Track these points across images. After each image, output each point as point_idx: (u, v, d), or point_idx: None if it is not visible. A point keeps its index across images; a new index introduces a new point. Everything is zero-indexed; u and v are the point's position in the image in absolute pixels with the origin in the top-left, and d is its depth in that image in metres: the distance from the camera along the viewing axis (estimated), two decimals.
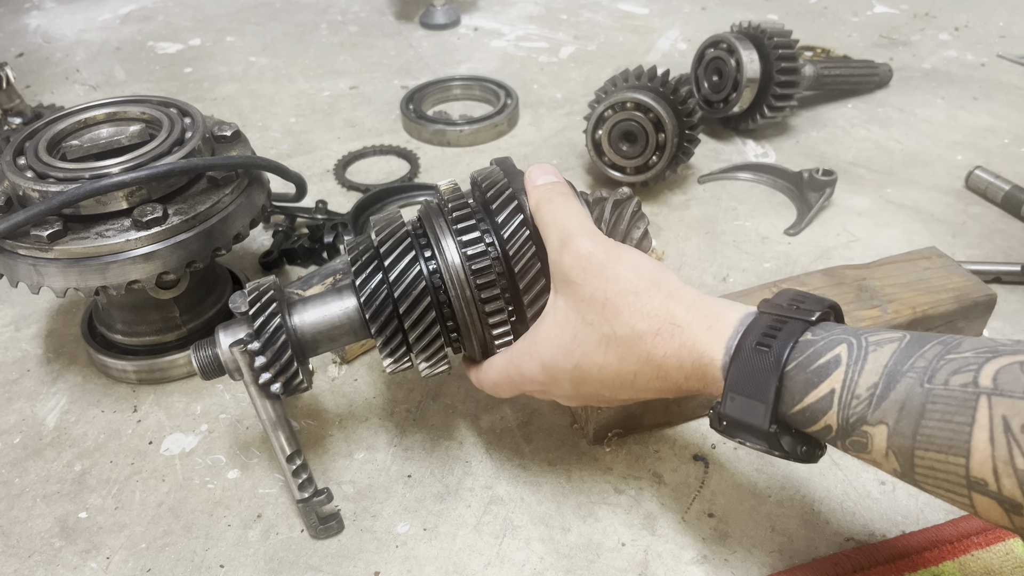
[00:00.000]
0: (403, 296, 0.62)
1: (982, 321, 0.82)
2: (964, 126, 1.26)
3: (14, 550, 0.68)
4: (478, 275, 0.61)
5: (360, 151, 1.25)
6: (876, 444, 0.46)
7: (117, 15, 1.84)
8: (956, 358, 0.44)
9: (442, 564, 0.65)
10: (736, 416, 0.51)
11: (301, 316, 0.65)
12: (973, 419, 0.41)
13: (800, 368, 0.50)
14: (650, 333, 0.55)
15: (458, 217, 0.63)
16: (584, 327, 0.57)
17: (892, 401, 0.45)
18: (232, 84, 1.50)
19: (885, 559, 0.63)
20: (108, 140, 0.78)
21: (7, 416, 0.81)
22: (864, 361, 0.48)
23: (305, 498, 0.66)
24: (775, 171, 1.14)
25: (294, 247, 1.00)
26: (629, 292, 0.56)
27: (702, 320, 0.54)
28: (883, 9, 1.71)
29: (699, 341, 0.53)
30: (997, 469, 0.40)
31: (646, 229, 0.68)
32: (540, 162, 0.72)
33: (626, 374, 0.57)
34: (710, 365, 0.53)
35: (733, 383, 0.51)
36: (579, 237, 0.58)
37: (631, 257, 0.58)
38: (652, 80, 1.05)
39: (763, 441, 0.51)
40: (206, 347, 0.65)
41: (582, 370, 0.58)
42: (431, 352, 0.64)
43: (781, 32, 1.16)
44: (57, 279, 0.72)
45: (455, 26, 1.72)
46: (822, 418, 0.48)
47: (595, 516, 0.69)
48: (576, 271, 0.57)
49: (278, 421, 0.64)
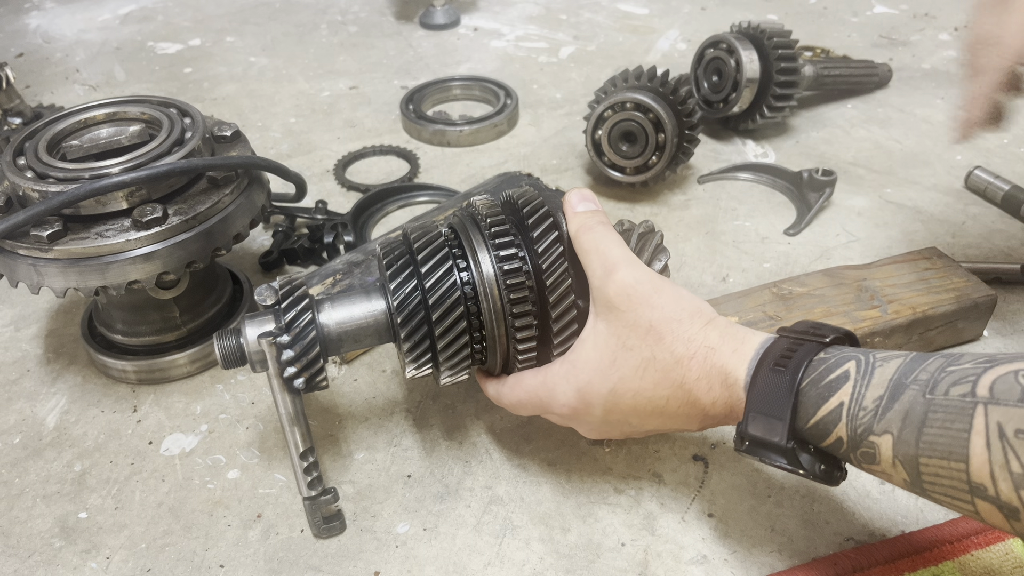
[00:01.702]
0: (437, 304, 0.62)
1: (982, 322, 0.82)
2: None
3: (14, 550, 0.68)
4: (512, 290, 0.62)
5: (360, 151, 1.25)
6: (883, 454, 0.48)
7: (117, 15, 1.84)
8: (956, 370, 0.47)
9: (442, 564, 0.65)
10: (757, 434, 0.54)
11: (328, 314, 0.65)
12: (971, 426, 0.43)
13: (813, 384, 0.52)
14: (687, 357, 0.58)
15: (496, 232, 0.63)
16: (624, 352, 0.60)
17: (896, 411, 0.47)
18: (232, 84, 1.50)
19: (885, 559, 0.63)
20: (108, 140, 0.78)
21: (7, 416, 0.81)
22: (871, 375, 0.50)
23: (313, 496, 0.66)
24: (775, 171, 1.14)
25: (294, 247, 1.00)
26: (673, 320, 0.59)
27: (730, 343, 0.57)
28: (883, 9, 1.71)
29: (727, 362, 0.56)
30: (994, 474, 0.42)
31: (666, 263, 0.71)
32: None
33: (659, 399, 0.59)
34: (735, 385, 0.56)
35: (753, 402, 0.54)
36: (624, 267, 0.61)
37: (672, 288, 0.61)
38: (652, 80, 1.05)
39: (782, 457, 0.53)
40: (230, 336, 0.64)
41: (616, 395, 0.60)
42: (456, 362, 0.64)
43: (781, 32, 1.16)
44: (57, 279, 0.72)
45: (455, 26, 1.72)
46: (833, 430, 0.51)
47: (595, 516, 0.69)
48: (621, 299, 0.60)
49: (296, 416, 0.65)
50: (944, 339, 0.81)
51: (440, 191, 1.13)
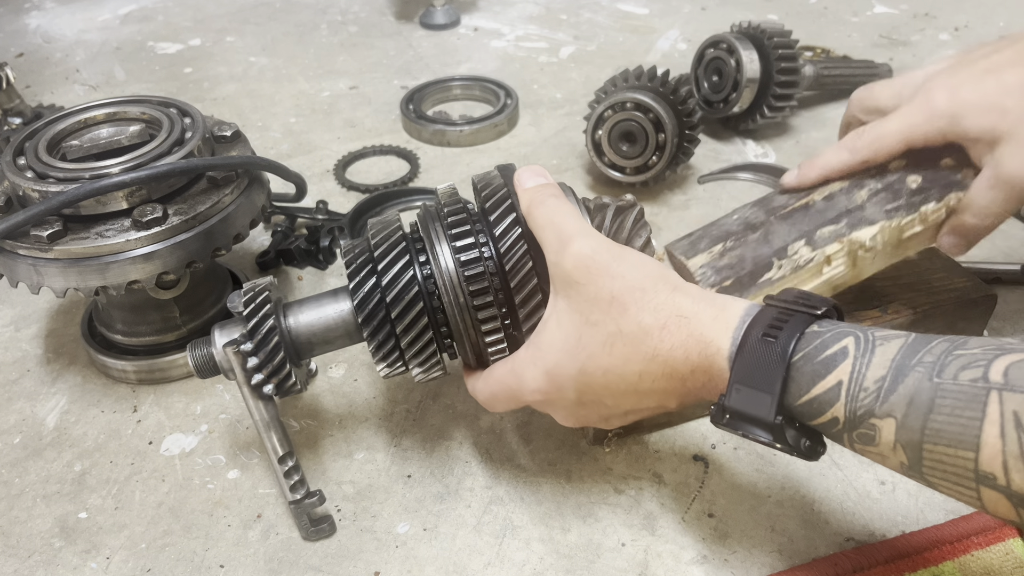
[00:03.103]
0: (395, 301, 0.61)
1: (982, 321, 0.82)
2: None
3: (14, 550, 0.68)
4: (471, 282, 0.61)
5: (360, 151, 1.25)
6: (884, 437, 0.46)
7: (117, 15, 1.84)
8: (964, 354, 0.44)
9: (442, 564, 0.65)
10: (741, 408, 0.51)
11: (296, 317, 0.65)
12: (984, 414, 0.41)
13: (807, 359, 0.49)
14: (656, 327, 0.54)
15: (453, 223, 0.63)
16: (589, 328, 0.56)
17: (900, 395, 0.45)
18: (232, 84, 1.50)
19: (885, 559, 0.63)
20: (108, 140, 0.78)
21: (7, 416, 0.81)
22: (872, 354, 0.48)
23: (297, 499, 0.66)
24: (775, 171, 1.13)
25: (291, 247, 1.00)
26: (636, 288, 0.55)
27: (708, 310, 0.54)
28: (883, 9, 1.71)
29: (706, 330, 0.53)
30: (1007, 464, 0.41)
31: (648, 237, 0.67)
32: (536, 163, 0.72)
33: (631, 375, 0.56)
34: (716, 355, 0.52)
35: (739, 374, 0.51)
36: (578, 238, 0.57)
37: (633, 256, 0.58)
38: (652, 80, 1.05)
39: (768, 433, 0.50)
40: (202, 346, 0.65)
41: (587, 374, 0.57)
42: (424, 357, 0.64)
43: (781, 32, 1.16)
44: (57, 279, 0.72)
45: (455, 26, 1.72)
46: (829, 410, 0.48)
47: (595, 516, 0.69)
48: (580, 271, 0.56)
49: (270, 422, 0.65)
50: None
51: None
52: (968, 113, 0.65)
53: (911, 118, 0.68)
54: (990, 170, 0.65)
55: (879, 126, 0.70)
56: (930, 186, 0.69)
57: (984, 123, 0.64)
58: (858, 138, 0.71)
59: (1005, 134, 0.64)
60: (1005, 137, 0.64)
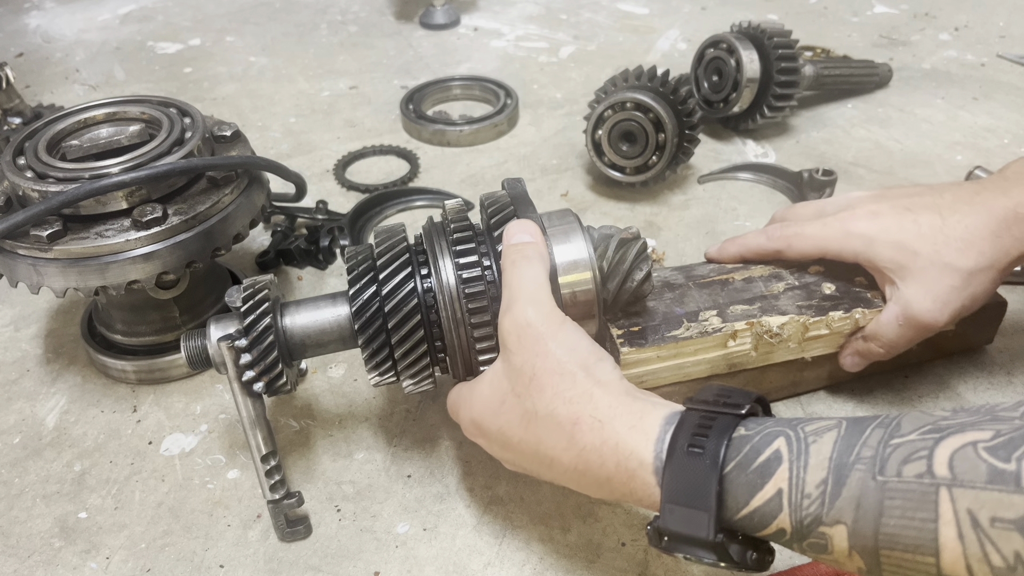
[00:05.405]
0: (393, 311, 0.62)
1: (992, 327, 0.82)
2: (964, 126, 1.26)
3: (14, 550, 0.68)
4: (471, 299, 0.61)
5: (360, 151, 1.25)
6: (837, 545, 0.44)
7: (117, 15, 1.84)
8: (902, 443, 0.42)
9: (442, 564, 0.65)
10: (678, 529, 0.48)
11: (293, 318, 0.65)
12: (937, 514, 0.39)
13: (740, 468, 0.47)
14: (569, 421, 0.53)
15: (459, 239, 0.63)
16: (512, 397, 0.56)
17: (846, 499, 0.43)
18: (232, 84, 1.50)
19: None
20: (108, 140, 0.78)
21: (7, 416, 0.81)
22: (807, 455, 0.45)
23: (275, 499, 0.66)
24: (775, 171, 1.14)
25: (290, 247, 1.00)
26: (555, 372, 0.54)
27: (625, 417, 0.52)
28: (883, 9, 1.71)
29: (622, 440, 0.51)
30: (971, 567, 0.39)
31: (648, 272, 0.67)
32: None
33: (544, 457, 0.55)
34: (640, 468, 0.50)
35: (669, 493, 0.48)
36: (522, 304, 0.57)
37: (569, 336, 0.56)
38: (652, 80, 1.05)
39: (711, 553, 0.48)
40: (196, 338, 0.65)
41: (505, 436, 0.58)
42: (416, 370, 0.64)
43: (781, 32, 1.16)
44: (57, 279, 0.72)
45: (455, 26, 1.72)
46: (773, 522, 0.46)
47: (595, 516, 0.69)
48: (512, 338, 0.57)
49: (257, 420, 0.65)
50: (953, 345, 0.81)
51: (439, 195, 1.13)
52: (883, 243, 0.68)
53: (829, 230, 0.72)
54: (899, 308, 0.68)
55: (800, 226, 0.75)
56: (841, 297, 0.74)
57: (895, 258, 0.67)
58: (778, 229, 0.76)
59: (911, 276, 0.67)
60: (911, 280, 0.67)
